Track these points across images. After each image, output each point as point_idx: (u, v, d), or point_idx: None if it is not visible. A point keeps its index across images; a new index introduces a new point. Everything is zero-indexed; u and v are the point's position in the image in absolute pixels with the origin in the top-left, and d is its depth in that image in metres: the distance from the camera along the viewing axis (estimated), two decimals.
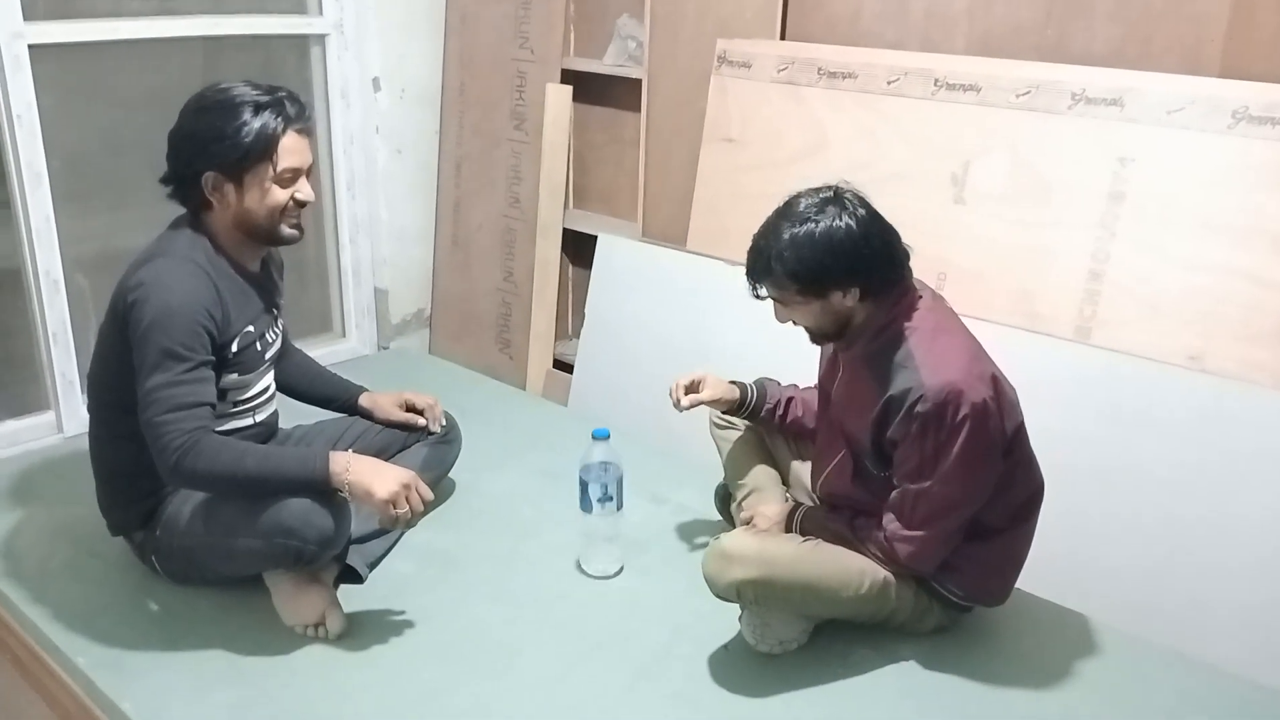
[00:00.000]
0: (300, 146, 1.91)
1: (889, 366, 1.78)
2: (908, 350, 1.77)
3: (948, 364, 1.74)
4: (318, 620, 1.91)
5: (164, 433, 1.77)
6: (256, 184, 1.89)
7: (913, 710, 1.78)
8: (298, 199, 1.93)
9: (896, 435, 1.77)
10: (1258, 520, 2.06)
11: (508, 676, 1.85)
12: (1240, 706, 1.82)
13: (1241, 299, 2.16)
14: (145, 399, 1.79)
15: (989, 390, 1.74)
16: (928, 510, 1.78)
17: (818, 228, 1.74)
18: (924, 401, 1.71)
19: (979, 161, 2.46)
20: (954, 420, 1.71)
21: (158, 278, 1.84)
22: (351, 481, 1.82)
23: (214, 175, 1.87)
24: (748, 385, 2.15)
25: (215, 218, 1.93)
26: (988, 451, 1.76)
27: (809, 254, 1.74)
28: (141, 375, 1.80)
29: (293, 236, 1.97)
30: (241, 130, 1.84)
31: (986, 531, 1.85)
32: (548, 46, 3.20)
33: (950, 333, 1.82)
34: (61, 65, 2.67)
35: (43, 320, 2.71)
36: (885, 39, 2.65)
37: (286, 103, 1.89)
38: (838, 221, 1.74)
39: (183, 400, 1.79)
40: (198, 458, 1.77)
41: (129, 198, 2.88)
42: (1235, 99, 2.15)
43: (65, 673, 1.87)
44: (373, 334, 3.53)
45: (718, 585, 1.81)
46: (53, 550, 2.17)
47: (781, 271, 1.76)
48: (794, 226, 1.75)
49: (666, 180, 3.09)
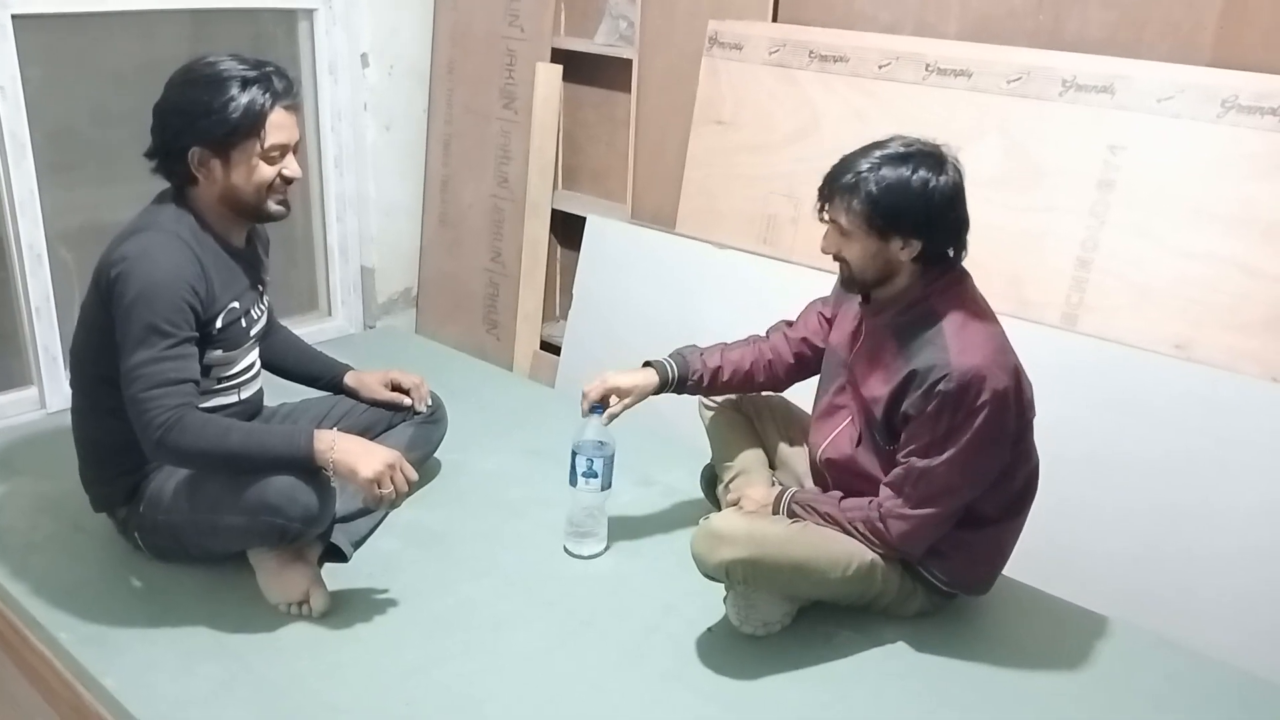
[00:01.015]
0: (288, 122, 1.89)
1: (917, 340, 1.78)
2: (939, 328, 1.77)
3: (976, 348, 1.74)
4: (302, 598, 1.90)
5: (148, 409, 1.76)
6: (243, 160, 1.86)
7: (897, 692, 1.79)
8: (285, 175, 1.91)
9: (912, 409, 1.77)
10: (1244, 508, 2.08)
11: (494, 654, 1.85)
12: (1225, 690, 1.84)
13: (1230, 288, 2.17)
14: (129, 375, 1.77)
15: (1011, 381, 1.74)
16: (928, 490, 1.78)
17: (916, 173, 1.73)
18: (948, 380, 1.71)
19: (970, 147, 2.44)
20: (973, 404, 1.71)
21: (142, 252, 1.82)
22: (336, 460, 1.81)
23: (200, 150, 1.85)
24: (664, 363, 2.10)
25: (201, 193, 1.91)
26: (998, 440, 1.76)
27: (896, 189, 1.73)
28: (125, 351, 1.78)
29: (280, 213, 1.95)
30: (229, 105, 1.82)
31: (978, 521, 1.86)
32: (538, 25, 3.18)
33: (983, 319, 1.81)
34: (46, 36, 2.63)
35: (25, 294, 2.69)
36: (879, 22, 2.64)
37: (274, 78, 1.87)
38: (936, 175, 1.73)
39: (167, 376, 1.77)
40: (182, 434, 1.75)
41: (114, 171, 2.85)
42: (1226, 88, 2.16)
43: (48, 649, 1.86)
44: (359, 312, 3.52)
45: (706, 564, 1.81)
46: (35, 526, 2.16)
47: (863, 196, 1.74)
48: (893, 162, 1.74)
49: (657, 162, 3.08)
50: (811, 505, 1.92)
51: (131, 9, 2.76)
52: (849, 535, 1.86)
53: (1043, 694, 1.80)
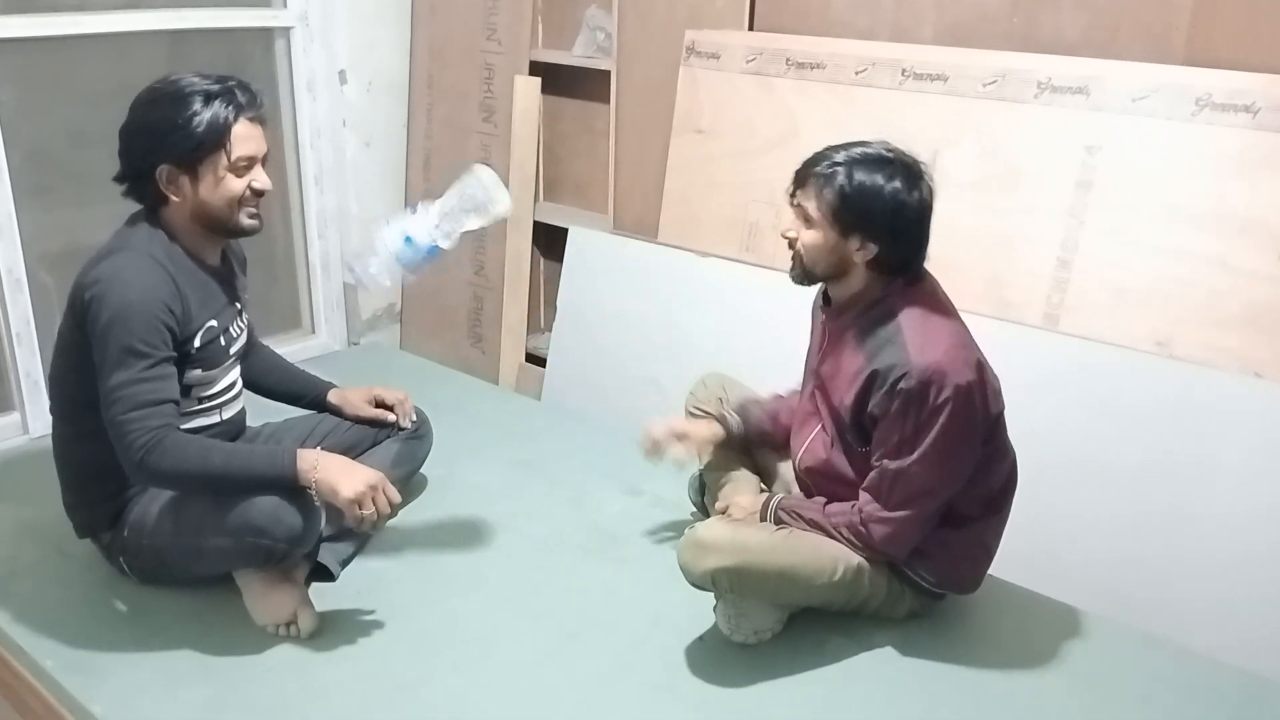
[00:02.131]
0: (254, 134, 1.89)
1: (877, 341, 1.79)
2: (898, 326, 1.78)
3: (935, 345, 1.75)
4: (289, 619, 1.89)
5: (128, 431, 1.75)
6: (211, 174, 1.86)
7: (888, 696, 1.79)
8: (254, 188, 1.90)
9: (877, 410, 1.78)
10: (1226, 505, 2.09)
11: (484, 669, 1.84)
12: (1210, 686, 1.84)
13: (1208, 284, 2.18)
14: (107, 397, 1.76)
15: (973, 375, 1.75)
16: (905, 492, 1.79)
17: (889, 181, 1.75)
18: (908, 379, 1.72)
19: (947, 151, 2.46)
20: (936, 401, 1.72)
21: (115, 274, 1.81)
22: (318, 480, 1.80)
23: (168, 168, 1.85)
24: (728, 418, 2.12)
25: (172, 212, 1.90)
26: (967, 435, 1.77)
27: (867, 191, 1.74)
28: (103, 374, 1.77)
29: (252, 227, 1.95)
30: (193, 120, 1.82)
31: (960, 519, 1.87)
32: (516, 38, 3.18)
33: (942, 316, 1.82)
34: (23, 59, 2.63)
35: (5, 319, 2.67)
36: (856, 28, 2.65)
37: (237, 91, 1.87)
38: (909, 189, 1.75)
39: (146, 398, 1.76)
40: (163, 455, 1.75)
41: (93, 193, 2.81)
42: (1200, 86, 2.17)
43: (33, 676, 1.84)
44: (343, 329, 3.50)
45: (693, 574, 1.81)
46: (19, 552, 2.14)
47: (835, 188, 1.75)
48: (873, 166, 1.76)
49: (637, 172, 3.08)
50: (797, 511, 1.92)
51: (107, 31, 2.75)
52: (835, 540, 1.86)
53: (1032, 693, 1.80)
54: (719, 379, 2.28)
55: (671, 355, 2.84)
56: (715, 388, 2.26)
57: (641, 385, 2.91)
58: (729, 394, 2.25)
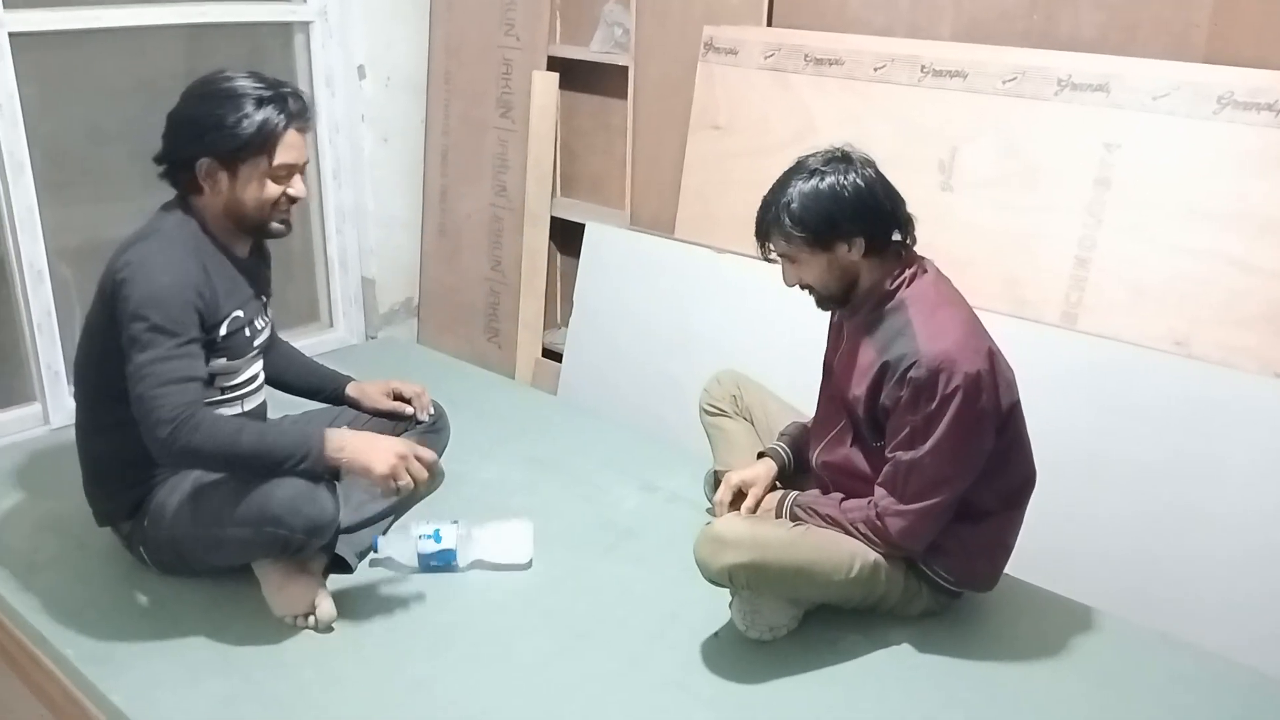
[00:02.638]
0: (299, 143, 1.92)
1: (888, 333, 1.81)
2: (907, 318, 1.79)
3: (945, 334, 1.76)
4: (307, 610, 1.91)
5: (156, 407, 1.75)
6: (251, 176, 1.89)
7: (904, 695, 1.79)
8: (290, 195, 1.93)
9: (889, 401, 1.79)
10: (1243, 505, 2.08)
11: (499, 665, 1.85)
12: (1228, 687, 1.84)
13: (1227, 284, 2.17)
14: (136, 374, 1.77)
15: (984, 364, 1.75)
16: (919, 483, 1.79)
17: (824, 181, 1.77)
18: (917, 368, 1.73)
19: (966, 148, 2.46)
20: (946, 389, 1.72)
21: (147, 257, 1.84)
22: (348, 459, 1.82)
23: (209, 162, 1.87)
24: (779, 449, 2.10)
25: (205, 203, 1.93)
26: (979, 424, 1.77)
27: (815, 203, 1.77)
28: (132, 352, 1.79)
29: (280, 231, 1.98)
30: (243, 121, 1.84)
31: (977, 513, 1.86)
32: (534, 34, 3.18)
33: (951, 306, 1.83)
34: (44, 54, 2.64)
35: (27, 311, 2.69)
36: (873, 25, 2.64)
37: (290, 99, 1.89)
38: (845, 177, 1.78)
39: (175, 375, 1.78)
40: (193, 432, 1.75)
41: (113, 188, 2.86)
42: (1221, 84, 2.16)
43: (54, 665, 1.86)
44: (360, 324, 3.52)
45: (710, 569, 1.81)
46: (40, 543, 2.16)
47: (789, 220, 1.78)
48: (803, 180, 1.79)
49: (654, 168, 3.08)
50: (813, 508, 1.92)
51: (128, 25, 2.77)
52: (851, 536, 1.86)
53: (1047, 692, 1.80)
54: (734, 376, 2.28)
55: (687, 352, 2.84)
56: (730, 385, 2.26)
57: (657, 381, 2.91)
58: (744, 391, 2.25)
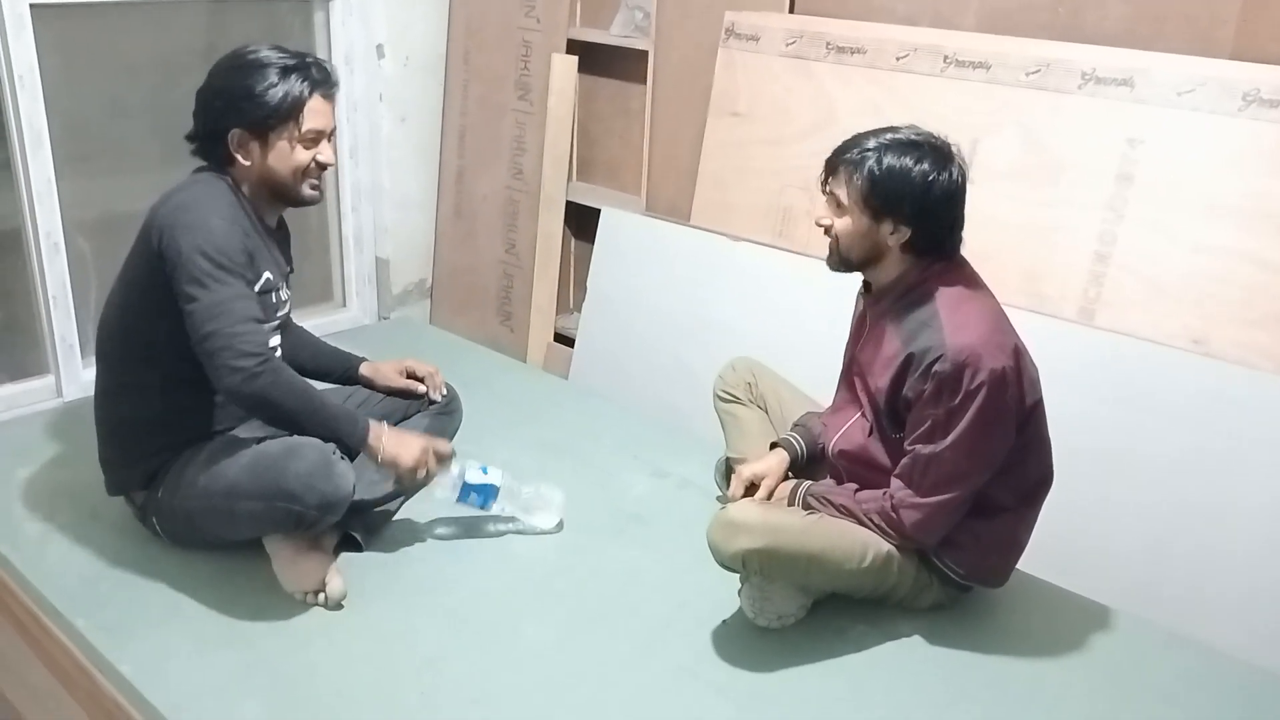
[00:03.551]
0: (325, 110, 1.96)
1: (914, 324, 1.79)
2: (934, 310, 1.78)
3: (971, 329, 1.75)
4: (317, 587, 1.91)
5: (235, 344, 1.78)
6: (281, 143, 1.93)
7: (911, 686, 1.79)
8: (319, 161, 1.97)
9: (911, 393, 1.78)
10: (1258, 505, 2.07)
11: (508, 648, 1.85)
12: (1238, 687, 1.83)
13: (1245, 282, 2.15)
14: (207, 311, 1.79)
15: (1009, 360, 1.74)
16: (937, 477, 1.78)
17: (921, 163, 1.76)
18: (943, 361, 1.72)
19: (987, 140, 2.44)
20: (970, 384, 1.71)
21: (196, 201, 1.88)
22: (385, 449, 1.92)
23: (240, 132, 1.91)
24: (792, 440, 2.08)
25: (238, 174, 1.96)
26: (1001, 421, 1.76)
27: (900, 176, 1.75)
28: (193, 289, 1.80)
29: (313, 197, 2.01)
30: (270, 90, 1.89)
31: (992, 509, 1.86)
32: (554, 16, 3.17)
33: (980, 301, 1.82)
34: (64, 26, 2.64)
35: (43, 283, 2.70)
36: (896, 14, 2.62)
37: (314, 68, 1.95)
38: (941, 173, 1.76)
39: (251, 313, 1.83)
40: (275, 377, 1.82)
41: (132, 161, 2.86)
42: (1246, 81, 2.14)
43: (64, 635, 1.87)
44: (373, 304, 3.52)
45: (722, 554, 1.81)
46: (52, 513, 2.17)
47: (866, 173, 1.76)
48: (903, 148, 1.77)
49: (671, 154, 3.07)
50: (827, 497, 1.92)
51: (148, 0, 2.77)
52: (864, 527, 1.86)
53: (1055, 689, 1.80)
54: (748, 364, 2.27)
55: (700, 339, 2.84)
56: (744, 372, 2.26)
57: (669, 368, 2.91)
58: (758, 379, 2.24)
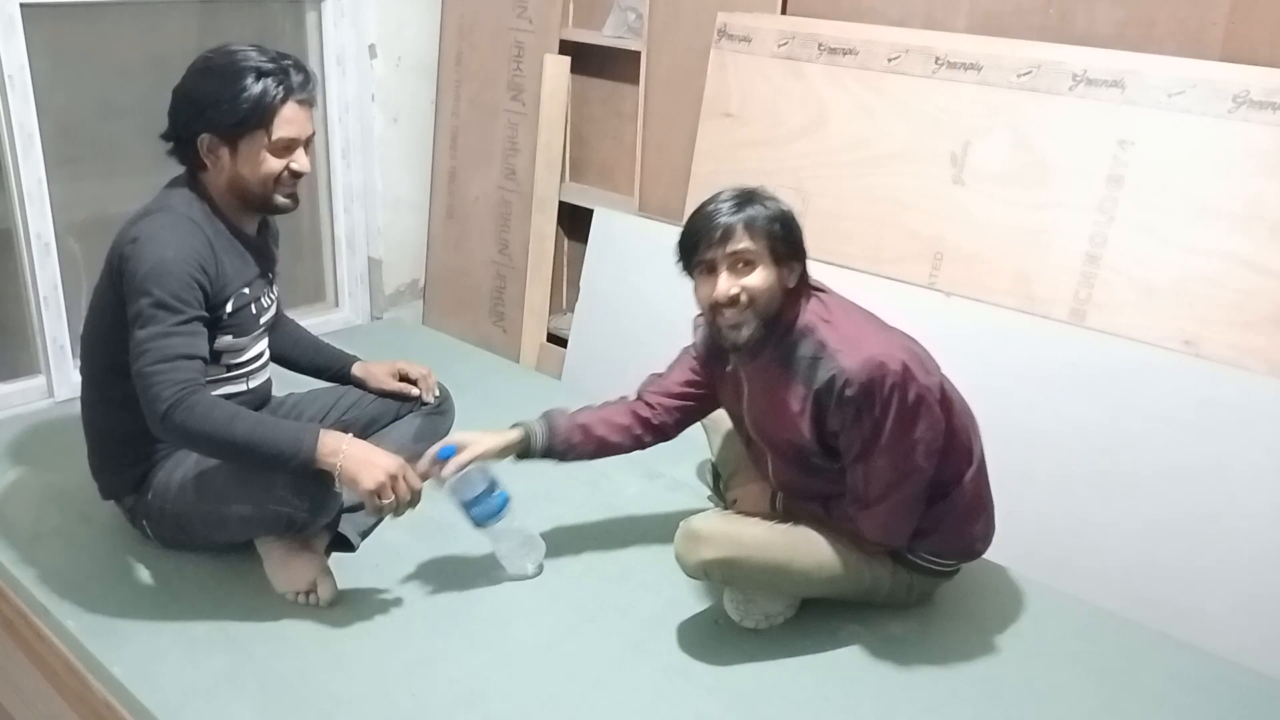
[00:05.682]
0: (300, 117, 1.90)
1: (804, 364, 1.77)
2: (818, 342, 1.76)
3: (859, 342, 1.74)
4: (309, 588, 1.91)
5: (155, 383, 1.75)
6: (251, 151, 1.88)
7: (901, 686, 1.79)
8: (293, 170, 1.92)
9: (835, 425, 1.76)
10: (1250, 507, 2.07)
11: (500, 647, 1.85)
12: (1228, 688, 1.84)
13: (1237, 284, 2.16)
14: (137, 349, 1.77)
15: (902, 353, 1.73)
16: (883, 484, 1.78)
17: (775, 203, 1.78)
18: (850, 385, 1.70)
19: (979, 142, 2.45)
20: (883, 393, 1.70)
21: (153, 233, 1.83)
22: (342, 467, 1.78)
23: (210, 137, 1.87)
24: (531, 425, 2.01)
25: (211, 179, 1.93)
26: (923, 411, 1.75)
27: (787, 218, 1.77)
28: (134, 327, 1.79)
29: (286, 206, 1.97)
30: (240, 96, 1.83)
31: (945, 487, 1.86)
32: (546, 17, 3.17)
33: (850, 314, 1.82)
34: (55, 27, 2.64)
35: (34, 284, 2.69)
36: (888, 16, 2.63)
37: (291, 71, 1.88)
38: (782, 204, 1.78)
39: (175, 351, 1.77)
40: (189, 412, 1.74)
41: (122, 163, 2.85)
42: (1237, 83, 2.15)
43: (56, 636, 1.87)
44: (366, 304, 3.52)
45: (687, 565, 1.82)
46: (43, 515, 2.17)
47: (764, 218, 1.74)
48: (759, 196, 1.78)
49: (664, 155, 3.07)
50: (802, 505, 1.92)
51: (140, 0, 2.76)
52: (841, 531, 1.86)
53: (1048, 688, 1.80)
54: None
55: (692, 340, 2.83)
56: None
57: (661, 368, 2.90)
58: None
